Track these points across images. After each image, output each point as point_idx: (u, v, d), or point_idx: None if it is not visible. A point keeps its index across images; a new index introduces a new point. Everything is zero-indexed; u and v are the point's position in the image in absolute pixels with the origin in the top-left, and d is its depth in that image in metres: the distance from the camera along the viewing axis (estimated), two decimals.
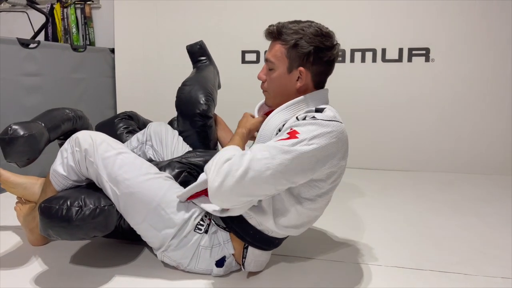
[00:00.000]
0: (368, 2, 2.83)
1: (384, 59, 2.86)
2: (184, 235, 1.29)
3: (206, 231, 1.30)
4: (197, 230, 1.30)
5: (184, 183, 1.39)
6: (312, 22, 1.28)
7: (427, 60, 2.80)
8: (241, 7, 3.05)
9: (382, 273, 1.39)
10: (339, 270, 1.41)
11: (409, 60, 2.83)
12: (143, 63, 3.28)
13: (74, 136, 1.35)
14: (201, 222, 1.30)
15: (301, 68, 1.25)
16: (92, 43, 3.46)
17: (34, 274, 1.35)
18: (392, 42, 2.84)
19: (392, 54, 2.85)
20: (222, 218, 1.29)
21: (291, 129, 1.13)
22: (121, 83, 3.33)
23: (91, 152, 1.31)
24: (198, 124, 1.71)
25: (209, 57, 1.98)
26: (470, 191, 2.38)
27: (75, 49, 2.93)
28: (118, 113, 1.94)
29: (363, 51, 2.89)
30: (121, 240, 1.58)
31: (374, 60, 2.88)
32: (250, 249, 1.31)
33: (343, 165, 1.21)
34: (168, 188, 1.31)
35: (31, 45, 2.55)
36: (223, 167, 1.08)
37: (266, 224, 1.25)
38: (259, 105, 1.43)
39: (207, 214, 1.31)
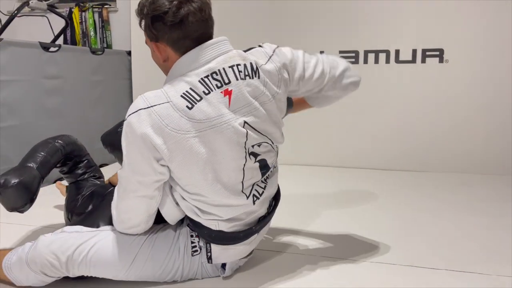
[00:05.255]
0: (381, 3, 2.84)
1: (397, 60, 2.87)
2: (189, 267, 1.30)
3: (201, 248, 1.30)
4: (195, 254, 1.29)
5: None
6: None
7: (441, 61, 2.80)
8: (257, 8, 3.07)
9: (396, 272, 1.41)
10: (352, 269, 1.43)
11: (423, 61, 2.83)
12: None
13: (37, 266, 1.23)
14: (193, 244, 1.29)
15: (156, 43, 1.19)
16: (109, 46, 3.54)
17: None
18: (406, 43, 2.85)
19: (405, 55, 2.86)
20: (189, 225, 1.30)
21: None
22: (137, 85, 3.38)
23: (63, 269, 1.24)
24: None
25: None
26: (484, 192, 2.37)
27: (93, 52, 3.01)
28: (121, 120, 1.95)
29: (377, 52, 2.90)
30: None
31: (387, 61, 2.89)
32: (213, 244, 1.29)
33: (162, 145, 1.13)
34: (152, 254, 1.26)
35: (52, 49, 2.62)
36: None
37: (198, 218, 1.25)
38: None
39: (192, 234, 1.30)
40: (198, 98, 1.14)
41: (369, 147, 2.98)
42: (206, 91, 1.15)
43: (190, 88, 1.14)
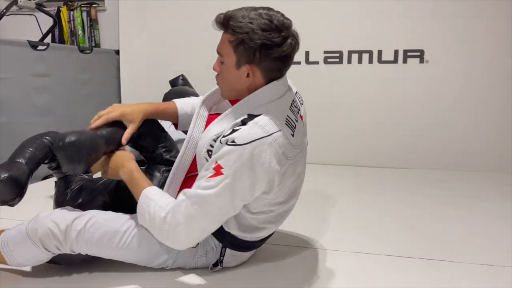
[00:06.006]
0: (364, 4, 2.92)
1: (380, 61, 2.96)
2: (181, 259, 1.32)
3: (198, 244, 1.30)
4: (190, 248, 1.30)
5: None
6: (264, 11, 1.16)
7: (421, 61, 2.90)
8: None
9: (374, 261, 1.48)
10: (333, 259, 1.50)
11: (404, 61, 2.92)
12: (147, 64, 3.37)
13: (37, 235, 1.24)
14: None
15: (249, 65, 1.16)
16: (97, 45, 3.56)
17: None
18: (388, 44, 2.94)
19: (388, 55, 2.94)
20: None
21: (216, 162, 1.10)
22: (125, 84, 3.42)
23: (61, 238, 1.24)
24: None
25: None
26: (463, 188, 2.46)
27: (82, 50, 3.04)
28: None
29: (360, 53, 2.99)
30: None
31: (370, 61, 2.97)
32: (229, 249, 1.32)
33: (280, 171, 1.15)
34: (149, 238, 1.27)
35: (40, 47, 2.65)
36: (164, 229, 1.15)
37: (234, 232, 1.27)
38: (210, 93, 1.40)
39: None
40: (294, 125, 1.21)
41: (350, 145, 3.06)
42: (295, 119, 1.23)
43: (288, 116, 1.20)
